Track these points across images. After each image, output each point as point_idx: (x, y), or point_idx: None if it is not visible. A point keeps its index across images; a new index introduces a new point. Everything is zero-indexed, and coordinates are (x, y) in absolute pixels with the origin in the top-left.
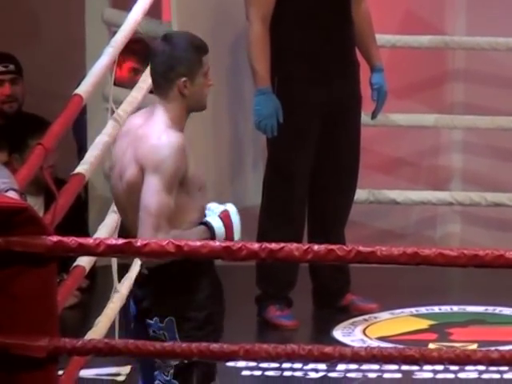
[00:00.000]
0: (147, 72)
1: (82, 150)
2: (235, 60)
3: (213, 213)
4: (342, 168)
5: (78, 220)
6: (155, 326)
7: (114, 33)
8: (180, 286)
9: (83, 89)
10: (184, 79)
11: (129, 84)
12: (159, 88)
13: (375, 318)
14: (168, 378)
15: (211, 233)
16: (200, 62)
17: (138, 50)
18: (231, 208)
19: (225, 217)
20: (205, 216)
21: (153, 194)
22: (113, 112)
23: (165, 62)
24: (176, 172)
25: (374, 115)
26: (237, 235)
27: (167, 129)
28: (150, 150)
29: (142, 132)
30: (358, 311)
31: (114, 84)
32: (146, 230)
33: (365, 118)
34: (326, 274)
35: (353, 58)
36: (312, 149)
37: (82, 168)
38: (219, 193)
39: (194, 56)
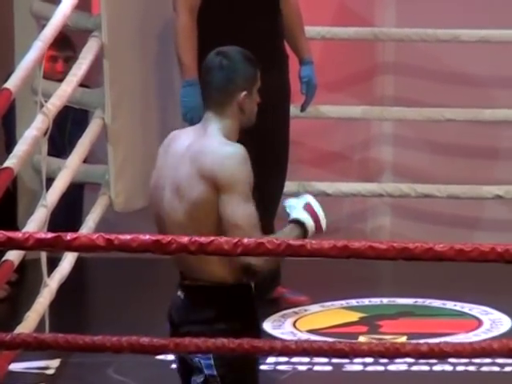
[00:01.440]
0: (77, 65)
1: (10, 145)
2: (165, 50)
3: (296, 208)
4: (270, 160)
5: (6, 214)
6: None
7: (43, 26)
8: (219, 315)
9: (12, 83)
10: (245, 93)
11: (49, 73)
12: (216, 103)
13: (305, 310)
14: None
15: (303, 229)
16: (256, 76)
17: (54, 38)
18: (310, 198)
19: (310, 208)
20: (289, 214)
21: (237, 209)
22: (42, 106)
23: (225, 76)
24: (249, 181)
25: (303, 108)
26: (323, 224)
27: (227, 142)
28: (220, 164)
29: (201, 148)
30: (289, 304)
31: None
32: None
33: (295, 110)
34: None
35: (281, 50)
36: (240, 140)
37: (10, 162)
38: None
39: (252, 70)
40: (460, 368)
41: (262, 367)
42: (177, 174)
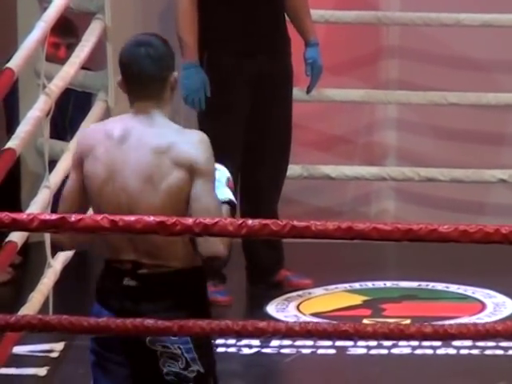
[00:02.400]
0: (80, 47)
1: (11, 127)
2: (167, 32)
3: (221, 184)
4: (273, 143)
5: (10, 196)
6: (168, 340)
7: (46, 8)
8: (190, 299)
9: (15, 63)
10: (175, 73)
11: (52, 59)
12: (153, 92)
13: (309, 293)
14: None
15: (233, 208)
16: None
17: (57, 25)
18: (224, 170)
19: (230, 184)
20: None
21: (210, 194)
22: (44, 87)
23: (157, 64)
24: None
25: (308, 90)
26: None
27: (189, 129)
28: (196, 151)
29: (168, 138)
30: (292, 287)
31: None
32: (218, 241)
33: (299, 93)
34: (259, 250)
35: (283, 32)
36: (242, 123)
37: (12, 143)
38: None
39: (170, 49)
40: (464, 351)
41: (266, 350)
42: (143, 166)
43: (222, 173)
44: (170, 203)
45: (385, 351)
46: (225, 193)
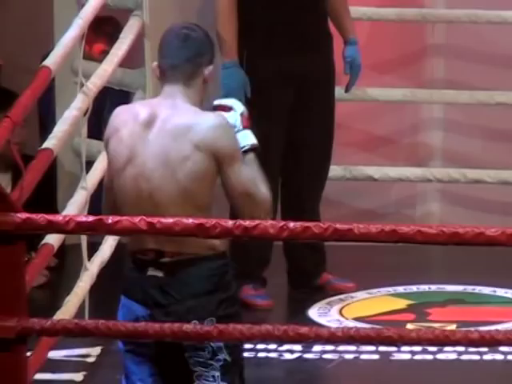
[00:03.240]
0: (118, 45)
1: (45, 126)
2: (204, 26)
3: (238, 128)
4: (315, 143)
5: (46, 197)
6: None
7: (83, 4)
8: (216, 284)
9: (52, 61)
10: (211, 67)
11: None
12: (184, 75)
13: (352, 297)
14: (216, 383)
15: (254, 150)
16: (214, 55)
17: (108, 32)
18: (236, 106)
19: (245, 121)
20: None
21: (241, 175)
22: (82, 85)
23: (195, 47)
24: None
25: (347, 89)
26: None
27: (212, 112)
28: (220, 136)
29: (190, 121)
30: (335, 291)
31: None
32: (255, 207)
33: (341, 92)
34: (300, 253)
35: (325, 31)
36: (284, 123)
37: (50, 143)
38: None
39: (213, 47)
40: (511, 357)
41: (308, 356)
42: (163, 150)
43: (235, 114)
44: (191, 187)
45: (430, 357)
46: (244, 137)
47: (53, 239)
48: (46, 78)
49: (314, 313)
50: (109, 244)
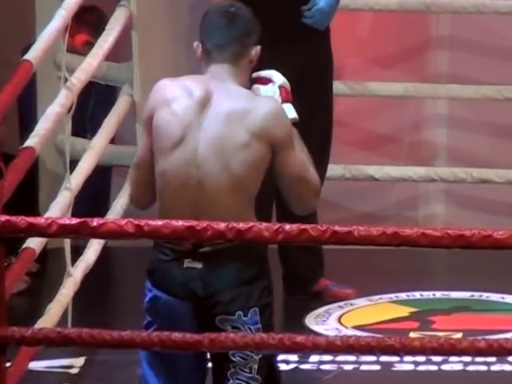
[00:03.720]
0: (103, 37)
1: (25, 123)
2: (196, 20)
3: (276, 98)
4: (311, 141)
5: (27, 198)
6: (238, 321)
7: None
8: (258, 272)
9: (33, 54)
10: (258, 48)
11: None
12: (232, 54)
13: (351, 304)
14: (251, 375)
15: (296, 126)
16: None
17: (92, 22)
18: (276, 77)
19: (286, 94)
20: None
21: (296, 162)
22: (66, 80)
23: (244, 26)
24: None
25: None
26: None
27: (268, 97)
28: (276, 123)
29: (244, 106)
30: (333, 297)
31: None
32: (306, 192)
33: (341, 87)
34: (296, 257)
35: None
36: None
37: (31, 141)
38: None
39: (259, 29)
40: None
41: (305, 366)
42: (219, 136)
43: (273, 86)
44: (244, 176)
45: (434, 367)
46: (288, 109)
47: (34, 243)
48: (27, 72)
49: (310, 321)
50: (94, 248)
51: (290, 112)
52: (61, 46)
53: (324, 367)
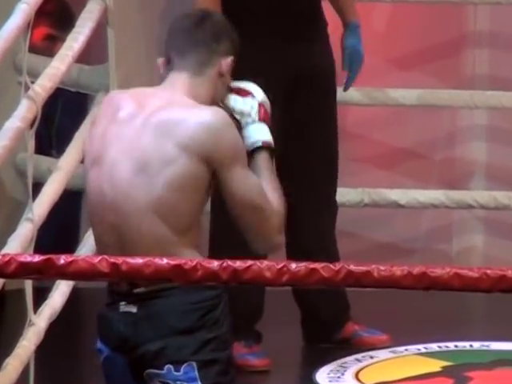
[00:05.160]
0: (73, 35)
1: None
2: (174, 10)
3: (251, 120)
4: (313, 159)
5: None
6: (169, 375)
7: None
8: (201, 321)
9: None
10: (231, 59)
11: (44, 54)
12: (195, 61)
13: (371, 357)
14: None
15: (270, 150)
16: (237, 51)
17: (51, 12)
18: (255, 91)
19: (264, 113)
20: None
21: (244, 183)
22: (28, 88)
23: (213, 32)
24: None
25: (346, 87)
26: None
27: (207, 106)
28: (215, 137)
29: (177, 116)
30: (364, 345)
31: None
32: (262, 223)
33: (356, 94)
34: (314, 298)
35: (319, 15)
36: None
37: None
38: None
39: (236, 39)
40: None
41: None
42: (141, 150)
43: (252, 101)
44: (168, 198)
45: None
46: (257, 131)
47: None
48: None
49: (322, 377)
50: (61, 290)
51: (264, 133)
52: (22, 46)
53: None
